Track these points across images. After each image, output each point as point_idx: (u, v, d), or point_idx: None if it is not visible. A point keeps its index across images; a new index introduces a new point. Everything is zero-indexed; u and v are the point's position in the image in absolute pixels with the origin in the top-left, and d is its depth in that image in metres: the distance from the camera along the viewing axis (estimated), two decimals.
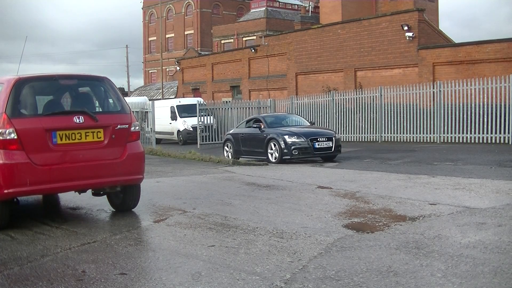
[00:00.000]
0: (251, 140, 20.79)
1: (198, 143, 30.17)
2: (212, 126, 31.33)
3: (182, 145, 32.61)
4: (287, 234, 7.21)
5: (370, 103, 28.51)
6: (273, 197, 10.63)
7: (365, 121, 28.74)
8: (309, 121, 24.66)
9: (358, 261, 5.77)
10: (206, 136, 30.99)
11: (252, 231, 7.44)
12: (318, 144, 18.75)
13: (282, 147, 18.81)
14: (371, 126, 28.39)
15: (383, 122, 27.66)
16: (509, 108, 22.44)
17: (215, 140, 31.09)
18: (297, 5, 69.81)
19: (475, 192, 10.29)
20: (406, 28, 30.38)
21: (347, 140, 29.58)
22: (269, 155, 19.42)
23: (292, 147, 18.66)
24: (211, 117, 31.44)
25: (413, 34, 30.18)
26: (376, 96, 28.13)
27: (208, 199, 10.55)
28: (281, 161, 18.89)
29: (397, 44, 31.17)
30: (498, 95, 22.96)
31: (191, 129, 33.39)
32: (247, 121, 22.56)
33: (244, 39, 67.59)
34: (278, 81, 39.72)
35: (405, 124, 26.63)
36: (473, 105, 23.68)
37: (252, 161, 19.09)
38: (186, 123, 34.37)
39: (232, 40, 69.64)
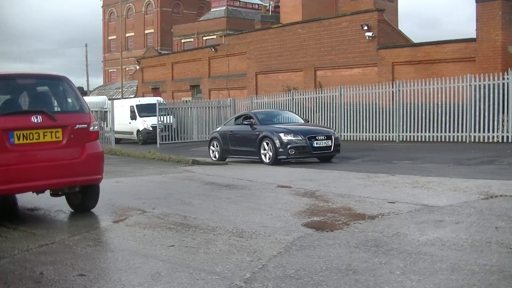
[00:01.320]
0: (241, 139, 19.28)
1: (158, 142, 30.00)
2: (172, 125, 31.21)
3: (141, 145, 32.41)
4: (247, 233, 7.19)
5: (330, 103, 28.68)
6: (233, 197, 10.61)
7: (324, 120, 28.88)
8: (304, 118, 22.80)
9: (318, 260, 5.78)
10: (166, 135, 30.85)
11: (211, 231, 7.41)
12: (316, 143, 17.43)
13: (277, 146, 17.36)
14: (331, 125, 28.49)
15: (342, 121, 27.84)
16: (466, 107, 22.75)
17: (175, 140, 31.01)
18: (258, 4, 69.86)
19: (433, 190, 10.39)
20: (366, 28, 30.56)
21: None
22: (262, 155, 17.96)
23: (289, 146, 17.24)
24: (171, 116, 31.32)
25: (372, 34, 30.38)
26: (335, 95, 28.31)
27: (168, 199, 10.49)
28: (275, 161, 17.45)
29: (357, 44, 31.34)
30: (456, 94, 23.26)
31: (151, 129, 33.20)
32: (236, 118, 21.12)
33: (205, 38, 67.46)
34: (238, 80, 39.70)
35: (364, 123, 26.83)
36: (431, 104, 23.95)
37: (211, 161, 18.99)
38: (145, 122, 34.18)
39: (192, 39, 69.47)
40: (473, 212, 7.98)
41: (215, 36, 64.66)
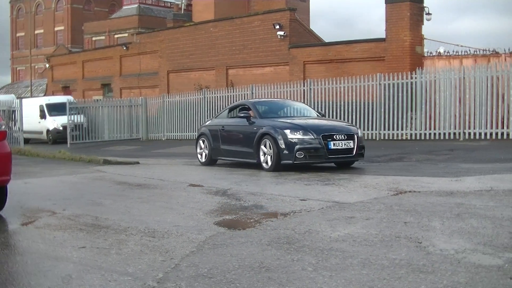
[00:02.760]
0: (235, 136, 15.75)
1: (69, 142, 29.51)
2: (82, 125, 30.77)
3: (51, 145, 31.79)
4: (159, 233, 7.13)
5: None
6: (145, 196, 10.51)
7: None
8: (318, 111, 18.18)
9: (231, 258, 5.78)
10: (76, 135, 30.40)
11: (123, 231, 7.32)
12: (334, 144, 13.59)
13: (281, 146, 13.63)
14: None
15: None
16: (376, 105, 23.24)
17: (86, 140, 30.60)
18: (170, 2, 69.35)
19: (344, 187, 10.55)
20: (277, 27, 30.79)
21: None
22: (261, 159, 14.31)
23: (296, 148, 13.46)
24: (82, 115, 30.85)
25: (284, 33, 30.64)
26: (247, 94, 28.39)
27: (79, 200, 10.31)
28: (278, 167, 13.80)
29: (268, 43, 31.55)
30: (366, 93, 23.76)
31: (61, 128, 32.66)
32: (231, 109, 17.30)
33: (116, 36, 66.59)
34: (150, 79, 39.35)
35: None
36: (342, 102, 24.38)
37: (124, 160, 18.57)
38: (55, 122, 33.59)
39: (103, 37, 68.49)
40: (383, 208, 8.14)
41: (127, 34, 63.91)
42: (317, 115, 16.36)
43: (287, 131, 13.74)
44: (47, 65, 51.19)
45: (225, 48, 33.95)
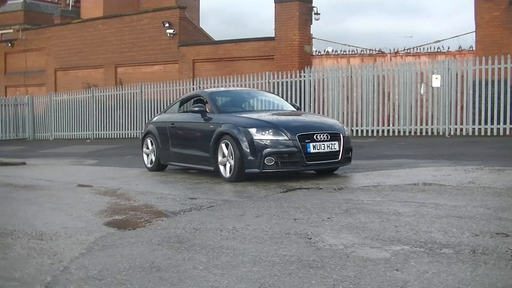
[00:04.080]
0: (187, 136, 12.77)
1: None
2: None
3: None
4: (47, 235, 6.93)
5: (131, 100, 28.62)
6: (32, 198, 10.22)
7: (125, 118, 28.73)
8: (292, 103, 14.08)
9: (121, 259, 5.68)
10: None
11: (9, 235, 7.06)
12: (314, 147, 10.64)
13: (245, 150, 10.58)
14: (132, 123, 28.49)
15: (143, 118, 27.84)
16: None
17: None
18: None
19: (233, 185, 10.58)
20: (167, 25, 30.61)
21: (109, 137, 29.35)
22: (220, 166, 11.32)
23: (265, 152, 10.45)
24: None
25: (174, 31, 30.50)
26: (136, 92, 28.27)
27: None
28: (240, 176, 10.83)
29: (158, 41, 31.34)
30: None
31: None
32: (182, 101, 14.10)
33: (0, 32, 64.52)
34: (37, 77, 38.27)
35: None
36: None
37: (9, 161, 17.99)
38: None
39: None
40: (273, 205, 8.20)
41: (11, 30, 61.88)
42: (292, 108, 13.26)
43: (253, 130, 10.67)
44: None
45: (114, 46, 33.48)
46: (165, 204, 8.93)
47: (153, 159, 13.73)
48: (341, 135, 11.06)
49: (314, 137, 10.65)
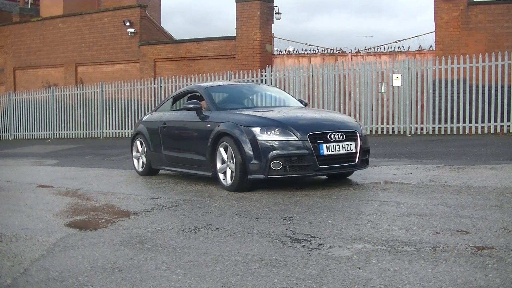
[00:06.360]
0: (181, 136, 11.26)
1: None
2: None
3: None
4: (6, 237, 6.84)
5: (91, 99, 28.46)
6: None
7: (86, 117, 28.56)
8: (299, 99, 12.35)
9: (82, 260, 5.64)
10: None
11: None
12: (327, 148, 9.12)
13: (248, 153, 9.09)
14: (93, 122, 28.37)
15: (104, 118, 27.72)
16: None
17: None
18: None
19: (195, 185, 10.56)
20: (128, 24, 30.43)
21: (69, 137, 29.11)
22: (218, 171, 9.90)
23: (271, 155, 8.96)
24: None
25: (134, 30, 30.33)
26: (97, 91, 28.10)
27: None
28: (243, 184, 9.30)
29: (118, 40, 31.14)
30: None
31: None
32: (176, 98, 12.55)
33: None
34: None
35: (126, 119, 26.93)
36: None
37: None
38: None
39: None
40: (235, 204, 8.21)
41: None
42: (299, 104, 11.71)
43: (257, 130, 9.20)
44: None
45: (74, 45, 33.19)
46: (127, 204, 8.88)
47: (144, 161, 12.43)
48: (358, 134, 9.61)
49: (328, 137, 9.18)
